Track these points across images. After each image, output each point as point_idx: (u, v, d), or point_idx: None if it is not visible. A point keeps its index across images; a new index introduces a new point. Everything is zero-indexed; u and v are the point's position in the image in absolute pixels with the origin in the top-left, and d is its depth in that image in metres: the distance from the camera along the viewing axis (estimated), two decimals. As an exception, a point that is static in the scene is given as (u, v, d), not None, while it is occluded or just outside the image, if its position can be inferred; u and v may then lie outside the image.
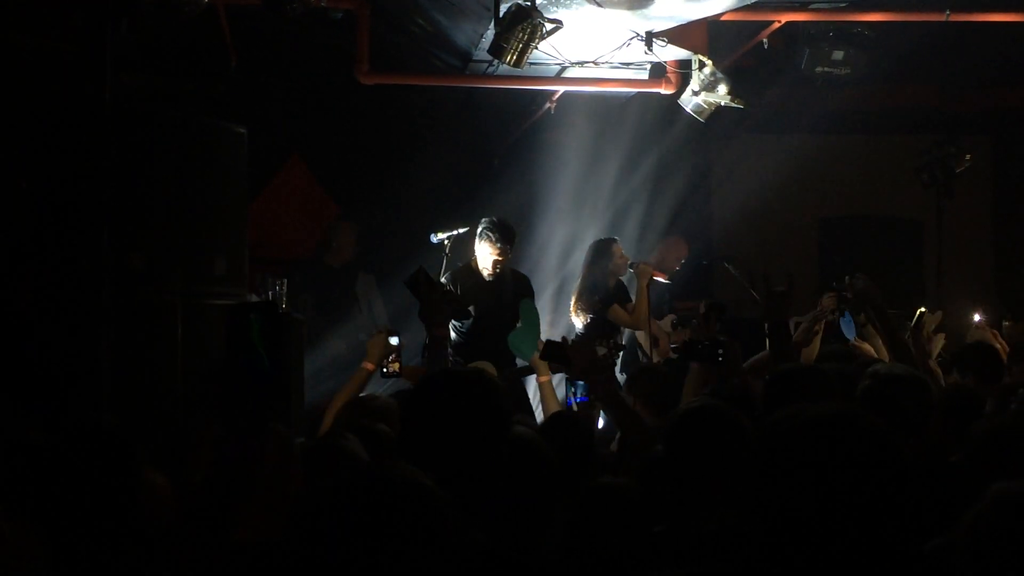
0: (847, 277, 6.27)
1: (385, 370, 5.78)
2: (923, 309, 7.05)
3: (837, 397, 4.26)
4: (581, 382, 5.70)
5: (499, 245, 7.71)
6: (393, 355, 5.88)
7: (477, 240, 7.77)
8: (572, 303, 8.94)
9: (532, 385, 8.49)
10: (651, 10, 6.91)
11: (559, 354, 5.24)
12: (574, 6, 6.86)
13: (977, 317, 8.54)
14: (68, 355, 5.92)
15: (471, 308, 7.75)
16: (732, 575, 3.03)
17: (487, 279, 7.78)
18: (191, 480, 3.38)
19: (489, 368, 7.19)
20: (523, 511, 3.27)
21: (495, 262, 7.75)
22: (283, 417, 3.31)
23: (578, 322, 8.83)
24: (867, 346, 7.02)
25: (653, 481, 3.63)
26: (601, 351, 7.94)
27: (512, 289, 7.85)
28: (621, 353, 8.58)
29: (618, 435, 5.25)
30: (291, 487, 3.20)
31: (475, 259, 7.82)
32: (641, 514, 3.67)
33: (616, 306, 8.69)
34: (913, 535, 2.08)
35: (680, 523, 3.27)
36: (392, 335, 5.90)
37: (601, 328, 8.64)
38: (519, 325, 7.19)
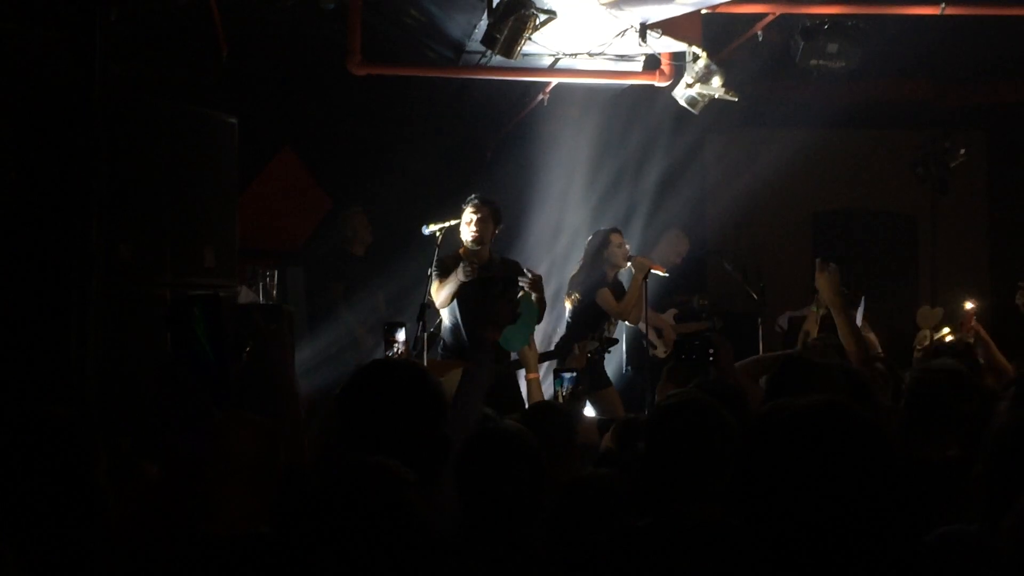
0: (817, 259, 6.17)
1: None
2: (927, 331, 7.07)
3: (841, 391, 4.22)
4: (567, 375, 5.70)
5: (475, 203, 7.68)
6: (400, 347, 5.89)
7: (462, 220, 7.73)
8: (567, 288, 8.95)
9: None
10: (635, 5, 6.89)
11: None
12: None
13: (969, 305, 8.45)
14: (56, 346, 5.88)
15: (455, 299, 7.71)
16: (716, 570, 3.02)
17: (473, 265, 7.73)
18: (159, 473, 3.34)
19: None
20: (509, 503, 3.26)
21: (477, 220, 7.67)
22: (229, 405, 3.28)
23: (568, 306, 8.81)
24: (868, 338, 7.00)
25: (638, 474, 3.61)
26: (592, 345, 7.96)
27: (486, 274, 7.78)
28: (612, 347, 8.56)
29: (612, 428, 5.23)
30: (272, 477, 3.16)
31: (463, 248, 7.78)
32: (624, 506, 3.65)
33: (606, 290, 8.65)
34: (902, 527, 2.06)
35: (663, 517, 3.24)
36: (399, 327, 5.90)
37: (590, 314, 8.60)
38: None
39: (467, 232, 7.69)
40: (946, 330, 7.67)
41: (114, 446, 3.82)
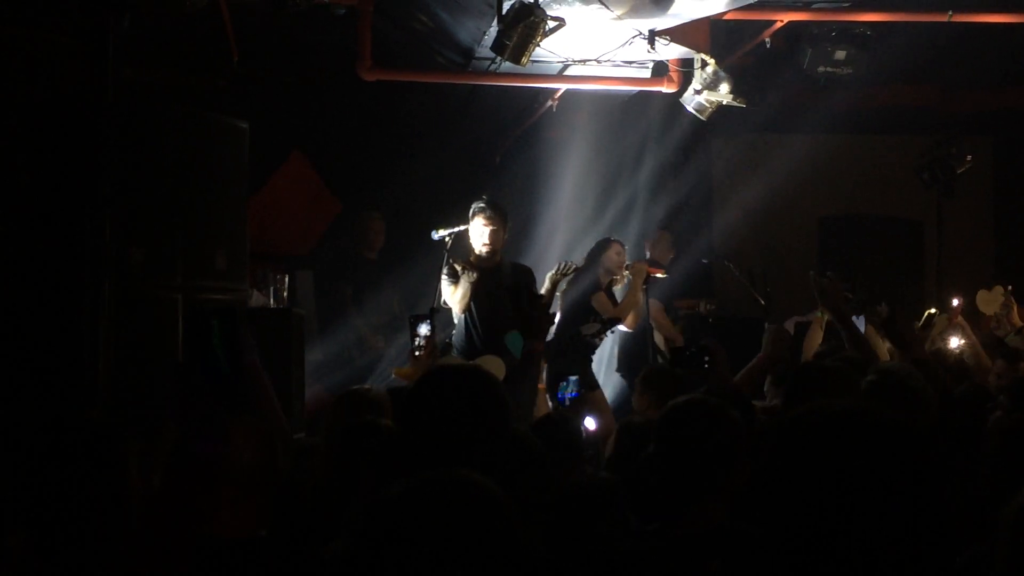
0: (811, 273, 6.19)
1: (417, 353, 5.90)
2: (933, 310, 7.02)
3: (860, 395, 4.22)
4: (573, 378, 5.74)
5: (489, 213, 7.66)
6: (423, 342, 5.96)
7: (471, 225, 7.72)
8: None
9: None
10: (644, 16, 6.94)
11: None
12: (577, 4, 6.87)
13: (955, 302, 8.45)
14: (67, 349, 5.91)
15: (471, 303, 7.74)
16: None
17: (484, 269, 7.76)
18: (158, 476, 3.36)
19: (497, 364, 7.23)
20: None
21: (491, 232, 7.67)
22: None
23: (558, 307, 8.83)
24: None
25: (647, 478, 3.62)
26: (594, 327, 8.02)
27: (511, 284, 7.80)
28: (614, 328, 8.58)
29: (613, 435, 5.26)
30: (271, 481, 3.18)
31: (474, 255, 7.80)
32: (621, 508, 3.67)
33: (602, 294, 8.65)
34: (932, 539, 2.01)
35: (673, 521, 3.26)
36: (422, 321, 5.96)
37: (580, 314, 8.61)
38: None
39: (479, 241, 7.67)
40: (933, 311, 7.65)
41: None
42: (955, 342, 7.99)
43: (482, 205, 7.73)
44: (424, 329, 5.99)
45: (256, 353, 4.09)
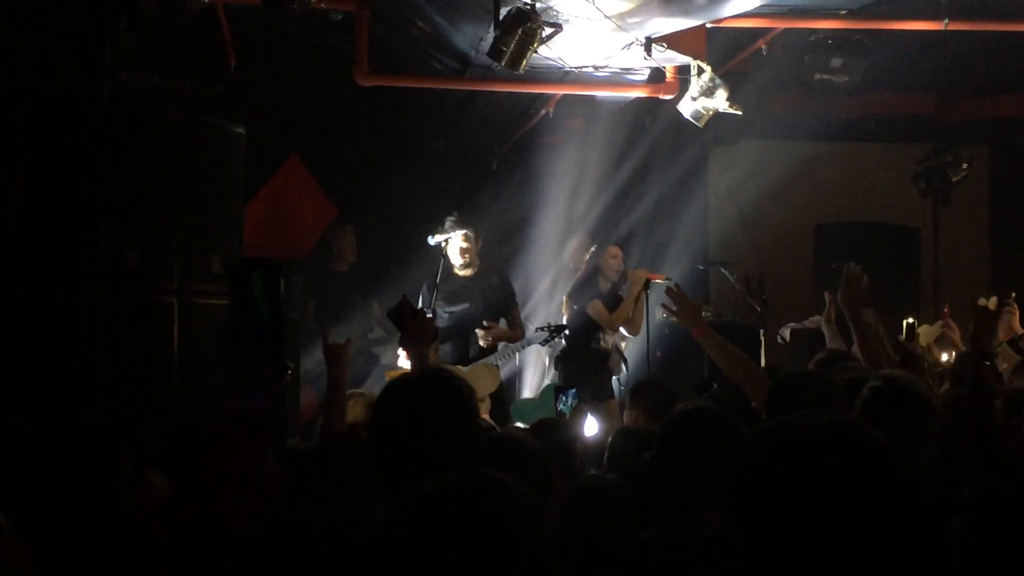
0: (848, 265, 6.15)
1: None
2: (911, 320, 7.01)
3: (842, 405, 4.20)
4: (571, 391, 5.77)
5: (461, 230, 7.98)
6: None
7: (451, 243, 8.01)
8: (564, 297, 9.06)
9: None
10: (645, 22, 6.96)
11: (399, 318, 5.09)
12: (573, 10, 6.88)
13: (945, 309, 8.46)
14: (63, 353, 5.91)
15: (447, 308, 7.96)
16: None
17: (464, 279, 7.97)
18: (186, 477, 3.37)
19: (493, 372, 7.30)
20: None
21: (461, 250, 7.99)
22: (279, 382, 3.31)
23: (564, 316, 8.88)
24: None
25: (644, 483, 3.61)
26: (543, 335, 8.09)
27: (493, 293, 7.97)
28: (559, 334, 8.62)
29: (609, 439, 5.26)
30: (267, 484, 3.19)
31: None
32: (630, 509, 3.67)
33: (597, 302, 8.67)
34: (909, 554, 2.01)
35: (669, 528, 3.25)
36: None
37: (583, 323, 8.63)
38: (535, 398, 7.32)
39: (457, 253, 8.02)
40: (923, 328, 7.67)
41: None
42: (944, 356, 7.98)
43: (453, 220, 8.04)
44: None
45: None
